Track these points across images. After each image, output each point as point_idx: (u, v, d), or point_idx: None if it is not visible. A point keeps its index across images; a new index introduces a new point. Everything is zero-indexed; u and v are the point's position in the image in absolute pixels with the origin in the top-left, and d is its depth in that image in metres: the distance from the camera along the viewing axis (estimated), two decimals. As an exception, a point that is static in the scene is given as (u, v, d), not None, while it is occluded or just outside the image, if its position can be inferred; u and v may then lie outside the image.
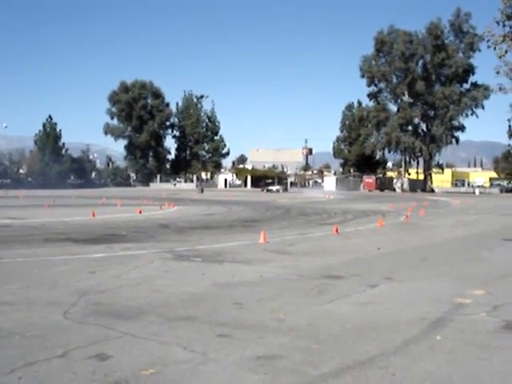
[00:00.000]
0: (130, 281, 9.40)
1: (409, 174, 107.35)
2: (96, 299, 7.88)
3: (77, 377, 4.82)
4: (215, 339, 5.98)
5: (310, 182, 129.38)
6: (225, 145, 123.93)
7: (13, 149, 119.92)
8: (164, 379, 4.82)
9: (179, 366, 5.15)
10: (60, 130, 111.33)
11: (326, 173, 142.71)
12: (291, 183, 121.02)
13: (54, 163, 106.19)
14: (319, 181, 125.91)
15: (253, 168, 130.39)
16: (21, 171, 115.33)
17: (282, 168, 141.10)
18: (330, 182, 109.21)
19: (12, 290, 8.50)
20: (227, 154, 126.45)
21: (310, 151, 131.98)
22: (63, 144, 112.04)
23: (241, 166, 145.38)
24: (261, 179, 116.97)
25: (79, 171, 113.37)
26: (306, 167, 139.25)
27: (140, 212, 28.20)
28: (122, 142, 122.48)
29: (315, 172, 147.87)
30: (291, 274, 10.29)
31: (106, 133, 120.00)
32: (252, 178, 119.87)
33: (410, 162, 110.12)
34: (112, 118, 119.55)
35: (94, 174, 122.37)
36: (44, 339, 5.92)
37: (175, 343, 5.79)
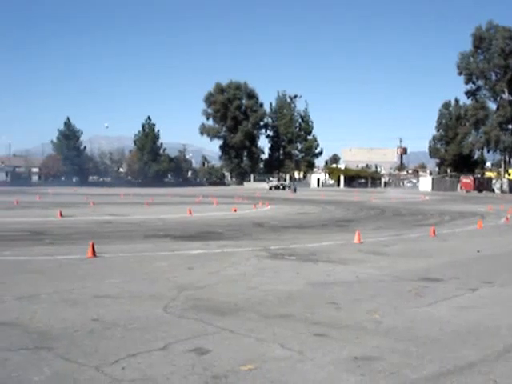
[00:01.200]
0: (226, 277, 9.56)
1: (509, 175, 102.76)
2: (195, 294, 8.07)
3: (177, 369, 4.94)
4: (311, 338, 5.98)
5: (405, 182, 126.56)
6: (318, 144, 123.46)
7: (113, 148, 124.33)
8: (262, 376, 4.86)
9: (277, 363, 5.18)
10: (158, 131, 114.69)
11: (421, 173, 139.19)
12: (385, 183, 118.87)
13: (153, 162, 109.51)
14: (414, 181, 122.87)
15: (346, 168, 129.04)
16: (121, 170, 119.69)
17: (376, 168, 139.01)
18: (425, 183, 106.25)
19: (115, 284, 8.85)
20: (320, 153, 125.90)
21: (405, 150, 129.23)
22: (161, 144, 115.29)
23: (334, 165, 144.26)
24: (354, 179, 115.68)
25: (176, 170, 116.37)
26: (401, 167, 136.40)
27: (235, 210, 28.59)
28: (218, 142, 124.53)
29: (410, 172, 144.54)
30: (387, 276, 10.12)
31: (201, 133, 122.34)
32: (345, 177, 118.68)
33: (510, 161, 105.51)
34: (208, 119, 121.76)
35: (190, 173, 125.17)
36: (145, 332, 6.12)
37: (272, 340, 5.83)
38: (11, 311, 6.97)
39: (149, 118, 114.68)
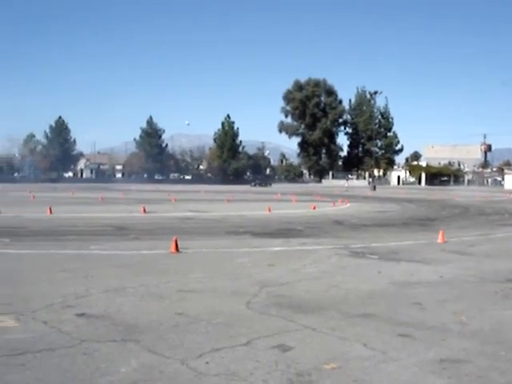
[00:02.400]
0: (308, 275, 9.54)
1: None
2: (276, 291, 8.09)
3: (260, 365, 4.96)
4: (395, 338, 5.87)
5: (489, 180, 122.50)
6: (398, 141, 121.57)
7: (194, 146, 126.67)
8: (345, 374, 4.81)
9: (360, 362, 5.11)
10: (237, 128, 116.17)
11: (506, 170, 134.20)
12: (468, 181, 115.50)
13: (232, 160, 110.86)
14: (499, 179, 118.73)
15: (427, 165, 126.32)
16: (201, 167, 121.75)
17: (459, 165, 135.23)
18: (511, 181, 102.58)
19: (198, 279, 9.00)
20: (400, 150, 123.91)
21: (489, 147, 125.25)
22: (240, 142, 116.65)
23: (414, 162, 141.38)
24: (436, 176, 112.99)
25: (255, 168, 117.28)
26: (485, 164, 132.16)
27: (314, 208, 28.51)
28: (296, 140, 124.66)
29: (494, 169, 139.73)
30: (473, 276, 9.81)
31: (280, 130, 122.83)
32: (426, 175, 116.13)
33: None
34: (286, 116, 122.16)
35: (268, 171, 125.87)
36: (229, 327, 6.18)
37: (355, 340, 5.77)
38: (99, 304, 7.20)
39: (228, 116, 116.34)
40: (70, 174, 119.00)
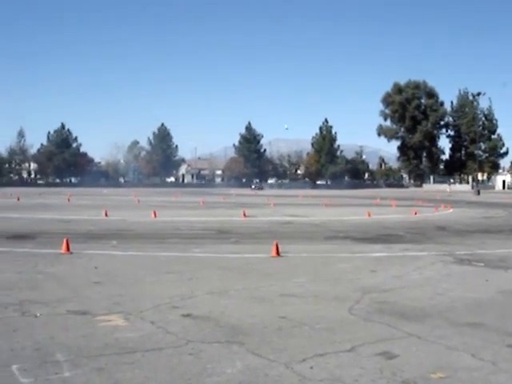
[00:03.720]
0: (411, 282, 9.33)
1: None
2: (379, 298, 7.97)
3: (365, 372, 4.90)
4: (505, 349, 5.63)
5: None
6: (503, 144, 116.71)
7: (291, 151, 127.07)
8: (453, 385, 4.68)
9: (468, 373, 4.94)
10: (335, 133, 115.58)
11: None
12: None
13: (330, 164, 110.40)
14: None
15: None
16: (298, 172, 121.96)
17: None
18: None
19: (299, 283, 9.02)
20: (506, 153, 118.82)
21: None
22: (338, 146, 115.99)
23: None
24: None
25: (353, 172, 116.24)
26: None
27: (415, 213, 27.88)
28: (395, 143, 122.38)
29: None
30: None
31: (379, 134, 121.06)
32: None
33: None
34: (385, 120, 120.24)
35: (366, 175, 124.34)
36: (332, 332, 6.15)
37: (462, 349, 5.58)
38: (204, 305, 7.36)
39: (326, 120, 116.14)
40: (172, 178, 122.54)
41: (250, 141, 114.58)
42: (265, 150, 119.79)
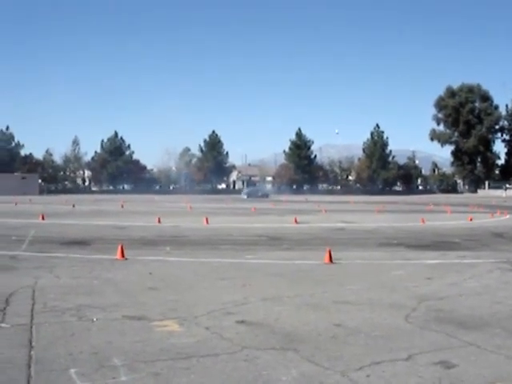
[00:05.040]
0: (468, 290, 9.13)
1: None
2: (436, 305, 7.82)
3: (423, 381, 4.81)
4: None
5: None
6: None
7: (342, 157, 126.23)
8: (515, 396, 4.55)
9: (531, 384, 4.81)
10: (387, 138, 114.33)
11: None
12: None
13: (381, 170, 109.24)
14: None
15: None
16: (350, 178, 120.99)
17: None
18: None
19: (353, 290, 8.94)
20: None
21: None
22: (390, 151, 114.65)
23: None
24: None
25: (405, 178, 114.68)
26: None
27: (471, 219, 27.30)
28: (448, 148, 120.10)
29: None
30: None
31: (432, 139, 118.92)
32: None
33: None
34: (438, 124, 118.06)
35: (419, 181, 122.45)
36: (388, 340, 6.06)
37: (524, 359, 5.43)
38: (258, 311, 7.37)
39: (377, 125, 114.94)
40: (223, 185, 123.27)
41: (301, 147, 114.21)
42: (315, 156, 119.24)
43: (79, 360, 5.27)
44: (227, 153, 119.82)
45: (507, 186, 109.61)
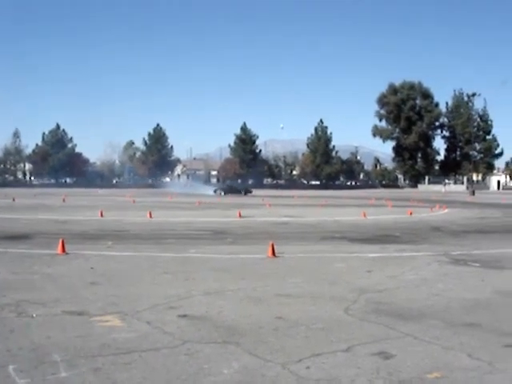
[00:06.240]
0: (407, 282, 9.35)
1: None
2: (375, 298, 7.98)
3: (362, 372, 4.90)
4: (502, 349, 5.64)
5: None
6: (498, 144, 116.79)
7: (287, 151, 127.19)
8: (450, 385, 4.69)
9: (465, 373, 4.95)
10: (331, 133, 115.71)
11: None
12: None
13: (325, 165, 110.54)
14: None
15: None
16: (294, 172, 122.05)
17: None
18: None
19: (295, 284, 9.02)
20: (500, 154, 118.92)
21: None
22: (333, 146, 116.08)
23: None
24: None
25: (348, 173, 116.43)
26: None
27: (411, 214, 27.94)
28: (390, 144, 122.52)
29: None
30: None
31: (374, 135, 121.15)
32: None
33: None
34: (380, 120, 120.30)
35: (362, 176, 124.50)
36: (328, 332, 6.15)
37: (459, 349, 5.59)
38: (200, 306, 7.36)
39: (321, 120, 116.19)
40: (168, 179, 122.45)
41: (246, 141, 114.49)
42: (260, 151, 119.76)
43: (18, 356, 5.17)
44: (172, 146, 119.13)
45: (446, 181, 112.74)
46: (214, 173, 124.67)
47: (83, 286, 8.69)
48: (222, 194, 63.53)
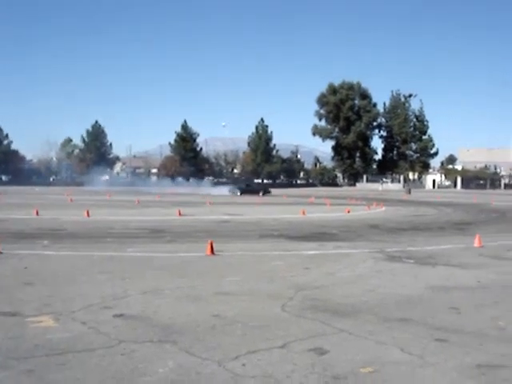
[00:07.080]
0: (343, 279, 9.53)
1: None
2: (312, 295, 8.10)
3: (297, 368, 4.98)
4: (433, 343, 5.82)
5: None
6: (433, 144, 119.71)
7: (228, 150, 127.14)
8: (382, 379, 4.80)
9: (397, 367, 5.09)
10: (271, 132, 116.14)
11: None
12: (505, 185, 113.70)
13: (266, 163, 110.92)
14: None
15: (463, 168, 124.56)
16: (235, 171, 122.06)
17: (495, 169, 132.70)
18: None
19: (234, 282, 9.06)
20: (436, 153, 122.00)
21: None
22: (274, 145, 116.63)
23: (450, 166, 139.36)
24: (471, 180, 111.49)
25: (288, 171, 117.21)
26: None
27: (348, 212, 28.40)
28: (330, 143, 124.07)
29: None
30: (510, 281, 9.68)
31: (314, 134, 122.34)
32: (462, 178, 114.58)
33: None
34: (320, 120, 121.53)
35: (302, 174, 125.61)
36: (264, 329, 6.22)
37: (392, 344, 5.74)
38: (136, 305, 7.31)
39: (262, 119, 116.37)
40: (107, 177, 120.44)
41: (186, 139, 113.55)
42: (201, 149, 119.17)
43: None
44: (111, 144, 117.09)
45: (383, 179, 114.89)
46: (154, 170, 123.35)
47: (17, 286, 8.49)
48: (238, 193, 58.60)
